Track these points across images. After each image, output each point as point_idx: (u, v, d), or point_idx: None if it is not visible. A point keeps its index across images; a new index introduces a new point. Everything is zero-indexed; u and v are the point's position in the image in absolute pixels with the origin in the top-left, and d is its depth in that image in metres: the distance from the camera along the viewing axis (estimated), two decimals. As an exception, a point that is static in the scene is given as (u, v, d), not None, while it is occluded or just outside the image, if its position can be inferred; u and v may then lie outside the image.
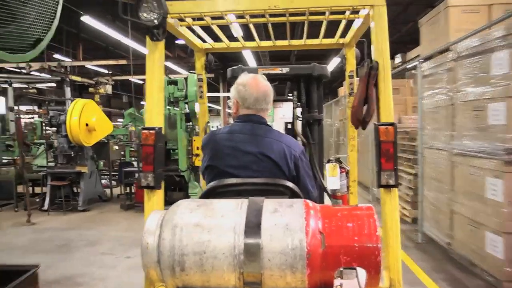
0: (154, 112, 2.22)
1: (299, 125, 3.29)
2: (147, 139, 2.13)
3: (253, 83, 2.16)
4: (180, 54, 15.99)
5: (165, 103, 8.44)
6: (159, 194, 2.20)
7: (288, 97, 3.41)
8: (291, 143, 2.15)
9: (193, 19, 2.69)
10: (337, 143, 14.48)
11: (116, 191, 10.31)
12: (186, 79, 8.61)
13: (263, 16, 2.51)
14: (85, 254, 5.79)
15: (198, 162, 8.64)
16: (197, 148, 8.62)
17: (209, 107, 4.03)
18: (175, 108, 8.52)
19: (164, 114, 8.61)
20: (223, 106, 25.52)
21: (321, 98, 3.38)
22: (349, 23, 2.91)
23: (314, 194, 2.21)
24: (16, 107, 10.16)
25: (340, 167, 3.20)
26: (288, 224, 1.49)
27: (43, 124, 11.88)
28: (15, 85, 15.65)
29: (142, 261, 1.57)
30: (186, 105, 8.60)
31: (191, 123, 8.87)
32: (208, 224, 1.54)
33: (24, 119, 21.11)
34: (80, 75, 18.54)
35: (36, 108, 21.09)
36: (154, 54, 2.24)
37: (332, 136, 15.44)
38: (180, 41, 15.99)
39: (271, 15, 2.50)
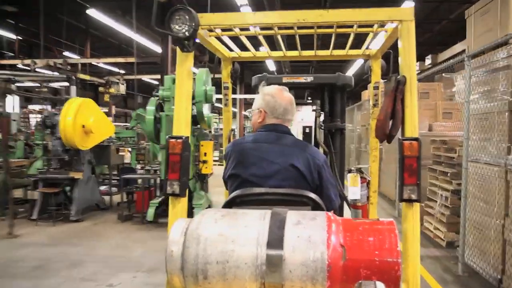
0: (182, 121, 2.28)
1: (318, 134, 3.29)
2: (174, 148, 2.18)
3: (280, 93, 2.24)
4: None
5: (170, 104, 7.55)
6: (184, 202, 2.25)
7: (307, 101, 3.39)
8: (314, 152, 2.21)
9: (222, 30, 2.70)
10: (359, 150, 13.46)
11: (117, 198, 9.43)
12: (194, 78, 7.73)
13: (291, 27, 2.54)
14: (61, 279, 4.89)
15: (205, 169, 7.78)
16: (205, 154, 7.75)
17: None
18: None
19: (162, 116, 7.18)
20: (239, 109, 24.80)
21: (344, 107, 3.39)
22: (375, 34, 2.89)
23: (337, 203, 2.25)
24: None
25: (361, 177, 3.23)
26: (310, 236, 1.52)
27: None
28: (28, 84, 15.09)
29: (166, 268, 1.59)
30: (194, 106, 7.69)
31: (198, 126, 7.99)
32: (231, 234, 1.57)
33: (36, 118, 20.77)
34: (92, 74, 17.95)
35: (49, 107, 20.64)
36: (184, 64, 2.31)
37: (354, 143, 14.40)
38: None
39: (299, 27, 2.53)
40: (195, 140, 7.74)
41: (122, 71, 19.44)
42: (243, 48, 3.38)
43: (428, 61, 12.08)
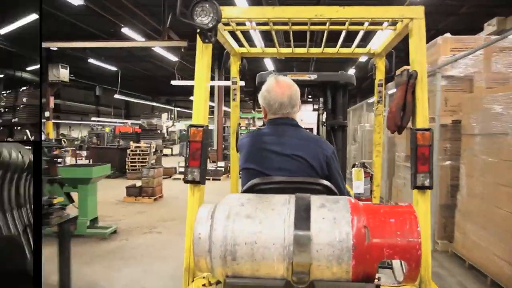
0: (201, 111, 2.37)
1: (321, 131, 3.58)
2: (195, 136, 2.31)
3: (276, 88, 2.22)
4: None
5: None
6: (203, 190, 2.37)
7: (308, 99, 3.28)
8: (322, 143, 2.26)
9: (237, 24, 2.76)
10: (392, 162, 9.21)
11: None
12: None
13: (304, 23, 2.62)
14: None
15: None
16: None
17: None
18: None
19: None
20: (218, 101, 19.51)
21: (345, 104, 3.64)
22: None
23: (345, 193, 2.29)
24: None
25: (365, 172, 3.36)
26: (335, 218, 1.58)
27: None
28: None
29: (193, 250, 1.62)
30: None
31: None
32: (259, 216, 1.62)
33: None
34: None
35: None
36: (203, 55, 2.38)
37: (384, 151, 10.05)
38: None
39: (312, 24, 2.61)
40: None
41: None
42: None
43: (490, 28, 8.21)
